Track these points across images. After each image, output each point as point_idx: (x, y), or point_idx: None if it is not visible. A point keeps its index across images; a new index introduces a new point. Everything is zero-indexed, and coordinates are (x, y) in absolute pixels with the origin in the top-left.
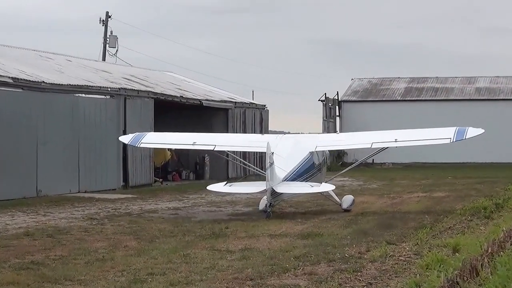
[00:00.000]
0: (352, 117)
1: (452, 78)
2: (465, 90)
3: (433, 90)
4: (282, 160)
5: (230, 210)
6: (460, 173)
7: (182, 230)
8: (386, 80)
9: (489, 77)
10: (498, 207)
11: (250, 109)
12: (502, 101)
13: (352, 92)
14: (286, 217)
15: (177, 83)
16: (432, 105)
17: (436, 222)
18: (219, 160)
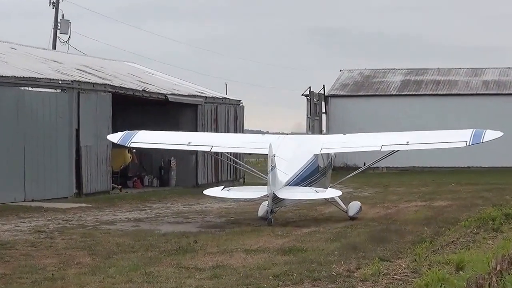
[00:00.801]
0: (341, 114)
1: (456, 70)
2: (470, 84)
3: (434, 84)
4: (284, 163)
5: (200, 222)
6: (465, 179)
7: (144, 245)
8: (380, 71)
9: (498, 69)
10: (508, 218)
11: (223, 105)
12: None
13: (340, 86)
14: (264, 230)
15: (139, 75)
16: (432, 101)
17: (437, 235)
18: (187, 164)
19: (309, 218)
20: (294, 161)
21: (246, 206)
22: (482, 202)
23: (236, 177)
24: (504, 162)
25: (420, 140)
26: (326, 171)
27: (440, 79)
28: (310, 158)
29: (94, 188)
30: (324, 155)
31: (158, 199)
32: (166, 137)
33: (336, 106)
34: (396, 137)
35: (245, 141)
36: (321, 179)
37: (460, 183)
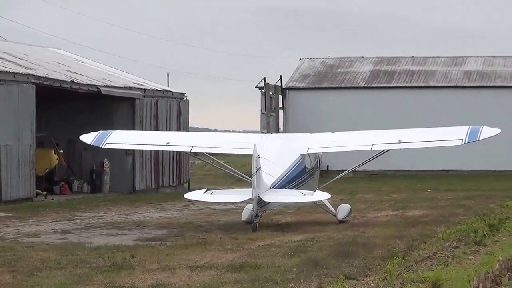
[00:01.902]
0: (300, 109)
1: (433, 59)
2: (450, 75)
3: (408, 74)
4: (269, 164)
5: (137, 234)
6: (443, 184)
7: (73, 260)
8: (346, 60)
9: (481, 57)
10: (492, 229)
11: (165, 99)
12: (498, 88)
13: (300, 77)
14: (212, 243)
15: (67, 64)
16: (406, 94)
17: (410, 249)
18: (122, 167)
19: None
20: (280, 162)
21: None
22: (463, 212)
23: (180, 182)
24: (487, 166)
25: (413, 138)
26: (313, 172)
27: (415, 69)
28: (296, 158)
29: (15, 195)
30: (311, 155)
31: (89, 208)
32: (143, 137)
33: (295, 100)
34: (387, 135)
35: (228, 141)
36: (308, 180)
37: (437, 189)
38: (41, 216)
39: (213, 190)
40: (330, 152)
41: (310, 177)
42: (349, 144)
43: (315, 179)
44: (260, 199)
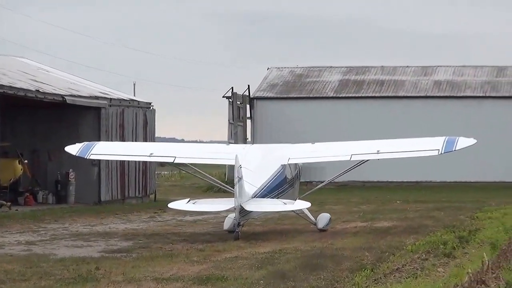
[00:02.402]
0: (268, 119)
1: (403, 68)
2: (419, 84)
3: (377, 84)
4: (251, 174)
5: (103, 245)
6: (413, 195)
7: (37, 272)
8: (315, 70)
9: (451, 67)
10: (462, 241)
11: (131, 108)
12: (468, 98)
13: (268, 86)
14: (178, 255)
15: (31, 73)
16: (375, 104)
17: (379, 261)
18: (88, 178)
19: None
20: (261, 172)
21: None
22: (432, 223)
23: (146, 193)
24: (457, 177)
25: (391, 149)
26: (294, 182)
27: (385, 79)
28: (277, 168)
29: None
30: (291, 165)
31: (54, 219)
32: (126, 148)
33: (263, 110)
34: (366, 146)
35: (210, 152)
36: (289, 190)
37: (407, 200)
38: (5, 228)
39: (196, 200)
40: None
41: (291, 187)
42: (328, 155)
43: (295, 188)
44: (242, 208)
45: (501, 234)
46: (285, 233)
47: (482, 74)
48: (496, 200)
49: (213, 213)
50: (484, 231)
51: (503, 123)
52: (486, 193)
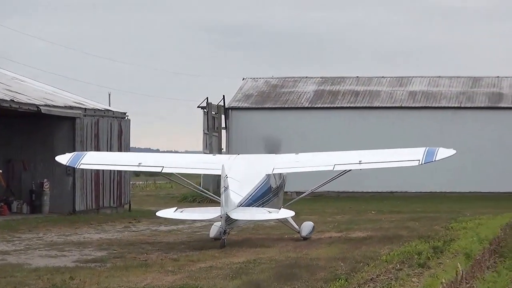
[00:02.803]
0: (243, 129)
1: (378, 79)
2: (395, 95)
3: (352, 94)
4: (237, 183)
5: (77, 255)
6: (388, 206)
7: (12, 282)
8: (290, 80)
9: (427, 78)
10: (436, 252)
11: (106, 118)
12: (443, 109)
13: (243, 97)
14: (153, 265)
15: (6, 82)
16: (350, 114)
17: (353, 271)
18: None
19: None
20: (246, 182)
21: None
22: (407, 233)
23: (121, 203)
24: (432, 187)
25: (373, 159)
26: (278, 191)
27: (360, 90)
28: (262, 178)
29: None
30: (276, 175)
31: (28, 229)
32: (115, 158)
33: (238, 120)
34: (348, 156)
35: (197, 162)
36: (273, 199)
37: (382, 211)
38: None
39: (184, 208)
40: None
41: (275, 196)
42: (312, 165)
43: (280, 197)
44: (228, 216)
45: (475, 244)
46: (260, 243)
47: (457, 84)
48: (471, 211)
49: (200, 221)
50: (458, 241)
51: (478, 133)
52: (461, 203)
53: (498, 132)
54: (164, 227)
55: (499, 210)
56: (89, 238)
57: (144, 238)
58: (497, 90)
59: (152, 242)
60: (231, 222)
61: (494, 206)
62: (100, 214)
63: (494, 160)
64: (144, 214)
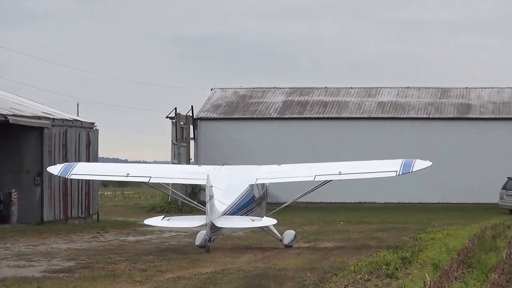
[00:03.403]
0: (212, 140)
1: (347, 89)
2: (363, 106)
3: (321, 105)
4: (221, 193)
5: (45, 265)
6: (356, 216)
7: None
8: (258, 90)
9: (395, 88)
10: (405, 262)
11: (74, 128)
12: (412, 120)
13: (212, 107)
14: (121, 275)
15: None
16: (319, 125)
17: (321, 282)
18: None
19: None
20: (231, 191)
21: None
22: (375, 244)
23: (89, 213)
24: (401, 198)
25: (352, 170)
26: (261, 201)
27: (328, 100)
28: (246, 188)
29: None
30: (259, 185)
31: None
32: (104, 168)
33: (206, 131)
34: (328, 167)
35: (183, 172)
36: (256, 208)
37: (350, 221)
38: None
39: (170, 217)
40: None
41: (258, 205)
42: (293, 175)
43: (262, 207)
44: (213, 224)
45: (443, 255)
46: (228, 253)
47: (426, 95)
48: (439, 221)
49: (186, 229)
50: (427, 252)
51: (446, 144)
52: (429, 214)
53: (466, 143)
54: (132, 237)
55: (468, 221)
56: (57, 248)
57: (112, 248)
58: (465, 101)
59: (120, 252)
60: (216, 230)
61: (462, 217)
62: (68, 224)
63: (462, 171)
64: (112, 224)
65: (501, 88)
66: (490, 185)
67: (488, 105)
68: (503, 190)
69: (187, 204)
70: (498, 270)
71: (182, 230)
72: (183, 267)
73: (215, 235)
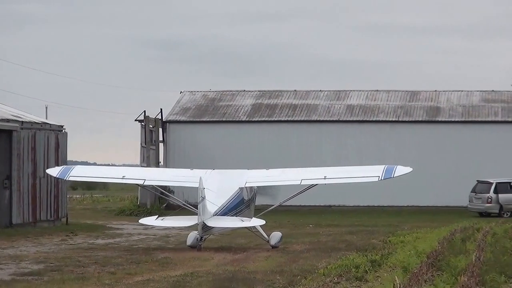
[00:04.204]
0: (181, 143)
1: (316, 92)
2: (332, 108)
3: (290, 108)
4: (213, 194)
5: (14, 268)
6: (326, 219)
7: None
8: (228, 93)
9: (365, 92)
10: (374, 265)
11: (43, 131)
12: (381, 123)
13: (181, 110)
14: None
15: None
16: (288, 128)
17: (291, 285)
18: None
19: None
20: (221, 194)
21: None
22: (345, 247)
23: (58, 216)
24: (370, 201)
25: (336, 175)
26: (250, 203)
27: (297, 103)
28: (235, 191)
29: None
30: (248, 188)
31: None
32: (101, 171)
33: (175, 134)
34: (314, 172)
35: (176, 175)
36: (245, 210)
37: (319, 224)
38: None
39: (164, 217)
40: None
41: (247, 207)
42: (281, 179)
43: (251, 209)
44: (204, 224)
45: (413, 258)
46: (197, 256)
47: (395, 98)
48: (409, 224)
49: (179, 228)
50: (396, 254)
51: (415, 147)
52: (399, 217)
53: (436, 146)
54: (101, 240)
55: (437, 224)
56: (25, 251)
57: (81, 251)
58: (434, 104)
59: (89, 255)
60: (207, 230)
61: (431, 220)
62: (37, 227)
63: (431, 174)
64: (81, 228)
65: (470, 92)
66: (459, 188)
67: (457, 108)
68: (472, 193)
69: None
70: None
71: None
72: (152, 270)
73: (207, 235)
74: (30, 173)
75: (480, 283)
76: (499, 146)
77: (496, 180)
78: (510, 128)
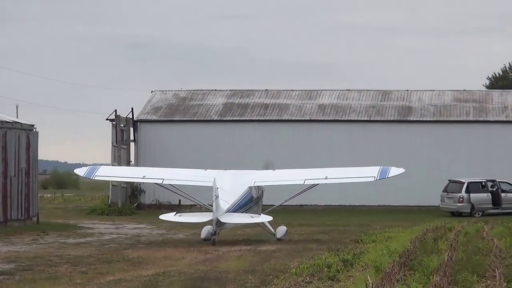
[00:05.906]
0: (152, 142)
1: (287, 92)
2: (304, 108)
3: (261, 107)
4: (225, 193)
5: None
6: (297, 219)
7: None
8: (199, 93)
9: (336, 91)
10: (346, 264)
11: (13, 130)
12: (353, 122)
13: (152, 109)
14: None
15: None
16: (260, 127)
17: (263, 284)
18: None
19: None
20: (233, 192)
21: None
22: (317, 246)
23: (29, 216)
24: (342, 201)
25: (336, 175)
26: (258, 200)
27: (269, 103)
28: (245, 189)
29: None
30: (256, 187)
31: None
32: (124, 171)
33: (146, 133)
34: (316, 172)
35: (192, 175)
36: (254, 207)
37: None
38: None
39: (182, 213)
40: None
41: (256, 204)
42: (286, 179)
43: (259, 206)
44: (218, 220)
45: (385, 257)
46: (169, 255)
47: (367, 98)
48: (380, 224)
49: (195, 224)
50: (368, 254)
51: (387, 147)
52: (370, 216)
53: (407, 145)
54: (73, 240)
55: (409, 223)
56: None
57: (53, 250)
58: (406, 104)
59: (61, 254)
60: (220, 225)
61: (403, 219)
62: (8, 226)
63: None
64: (53, 227)
65: (442, 91)
66: (431, 188)
67: (429, 108)
68: (444, 193)
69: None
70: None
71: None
72: (124, 269)
73: (220, 229)
74: (0, 172)
75: (452, 283)
76: (470, 146)
77: (468, 180)
78: (481, 127)
